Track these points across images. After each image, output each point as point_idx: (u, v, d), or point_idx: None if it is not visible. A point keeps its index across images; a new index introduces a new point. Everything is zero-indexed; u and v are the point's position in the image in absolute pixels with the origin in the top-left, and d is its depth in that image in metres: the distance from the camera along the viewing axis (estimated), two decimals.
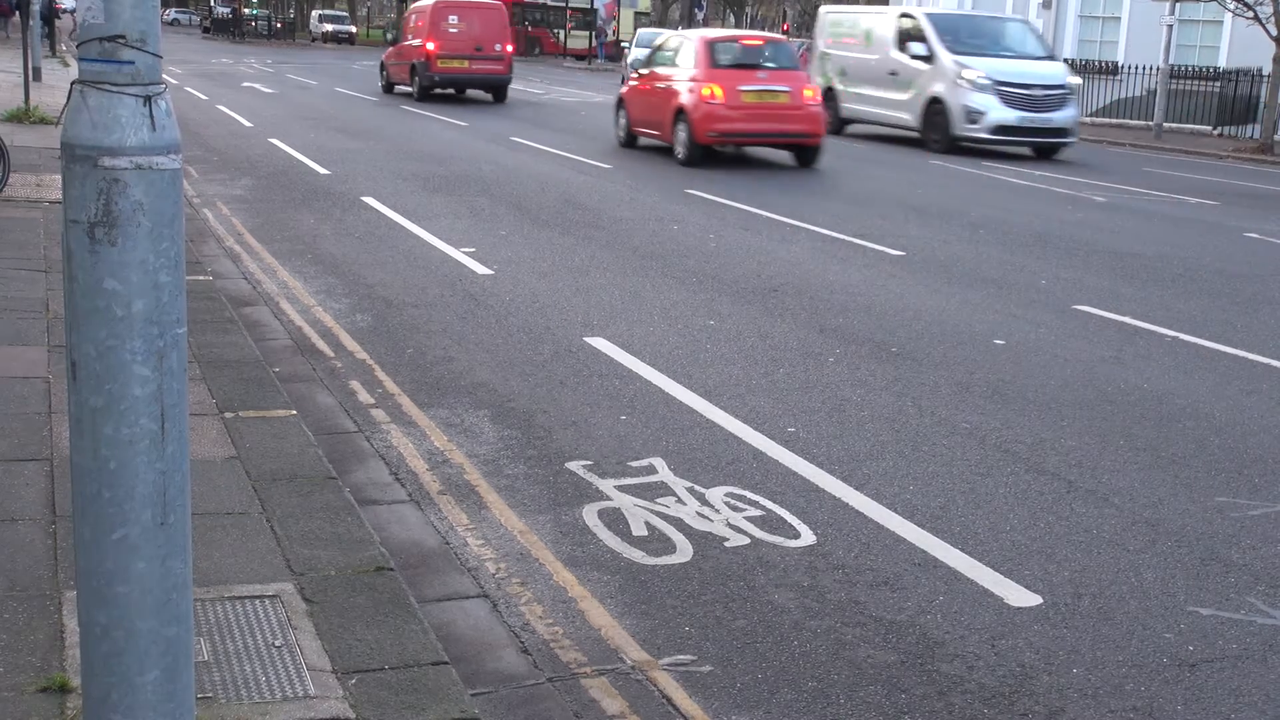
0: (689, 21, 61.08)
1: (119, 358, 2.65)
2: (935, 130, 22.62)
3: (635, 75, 20.92)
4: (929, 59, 22.74)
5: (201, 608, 4.14)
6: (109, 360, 2.65)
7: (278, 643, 4.02)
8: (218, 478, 5.36)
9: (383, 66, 32.65)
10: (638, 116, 20.38)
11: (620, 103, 21.14)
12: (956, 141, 22.15)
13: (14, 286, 8.33)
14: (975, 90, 21.97)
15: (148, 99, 2.60)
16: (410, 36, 30.23)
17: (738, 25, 77.24)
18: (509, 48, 29.91)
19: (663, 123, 19.24)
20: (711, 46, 19.12)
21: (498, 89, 30.26)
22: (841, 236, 12.80)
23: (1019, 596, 4.83)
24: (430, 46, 28.70)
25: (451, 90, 30.25)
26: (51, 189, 12.13)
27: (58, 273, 8.34)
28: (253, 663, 3.89)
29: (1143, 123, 30.23)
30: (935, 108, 22.55)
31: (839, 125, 24.73)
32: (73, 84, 2.62)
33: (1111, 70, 32.60)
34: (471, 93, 31.16)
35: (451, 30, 28.74)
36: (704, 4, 60.66)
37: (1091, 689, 4.20)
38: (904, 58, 23.43)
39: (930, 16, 24.61)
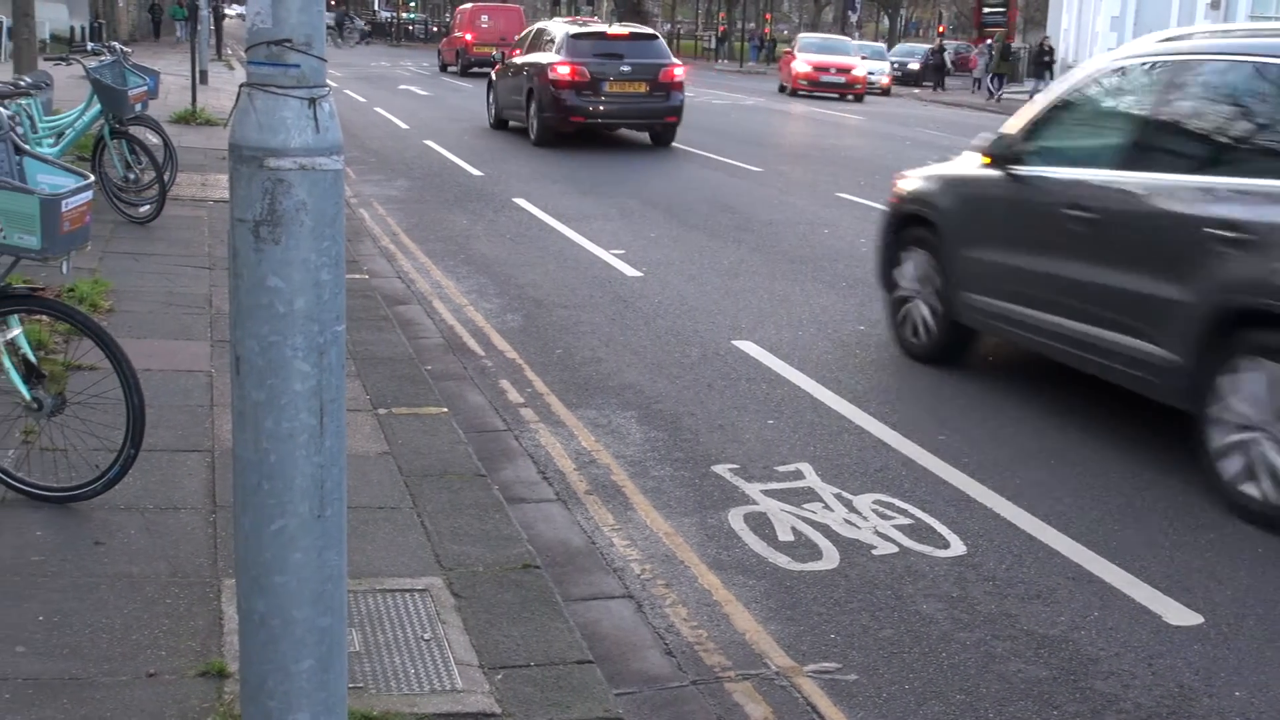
0: (842, 25, 60.47)
1: (281, 353, 2.70)
2: None
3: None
4: None
5: (354, 599, 4.22)
6: (271, 356, 2.70)
7: (427, 636, 4.09)
8: (371, 473, 5.47)
9: (439, 53, 46.12)
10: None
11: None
12: None
13: (179, 282, 8.62)
14: None
15: (312, 101, 2.65)
16: (456, 31, 43.44)
17: (891, 27, 76.08)
18: None
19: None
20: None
21: None
22: None
23: (1178, 615, 4.68)
24: (468, 37, 41.21)
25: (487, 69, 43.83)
26: (215, 188, 12.53)
27: (221, 269, 8.60)
28: (402, 655, 3.96)
29: None
30: None
31: None
32: (241, 86, 2.67)
33: None
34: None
35: (484, 25, 41.04)
36: (857, 5, 60.09)
37: (1255, 713, 4.04)
38: None
39: None
